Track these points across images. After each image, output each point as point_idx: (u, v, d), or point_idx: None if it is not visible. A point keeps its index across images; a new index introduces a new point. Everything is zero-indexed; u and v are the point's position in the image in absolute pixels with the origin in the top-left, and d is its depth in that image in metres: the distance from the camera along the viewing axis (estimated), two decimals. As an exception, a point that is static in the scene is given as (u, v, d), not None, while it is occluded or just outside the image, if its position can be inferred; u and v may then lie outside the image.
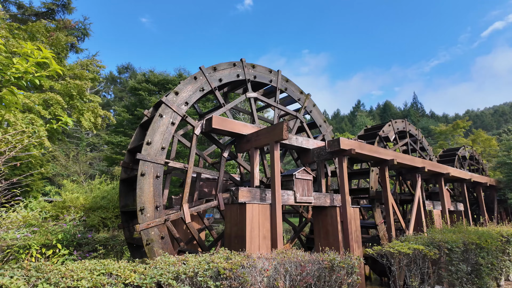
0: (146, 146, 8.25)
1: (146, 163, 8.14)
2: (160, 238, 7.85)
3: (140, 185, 7.91)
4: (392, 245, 7.59)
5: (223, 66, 10.79)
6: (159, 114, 8.72)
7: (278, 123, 8.74)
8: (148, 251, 7.51)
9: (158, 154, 8.46)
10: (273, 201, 8.46)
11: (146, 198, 7.91)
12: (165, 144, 8.63)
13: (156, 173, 8.26)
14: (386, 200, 12.05)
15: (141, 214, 7.74)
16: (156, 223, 7.88)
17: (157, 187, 8.16)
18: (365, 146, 11.14)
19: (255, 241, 7.87)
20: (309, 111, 13.55)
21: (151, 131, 8.46)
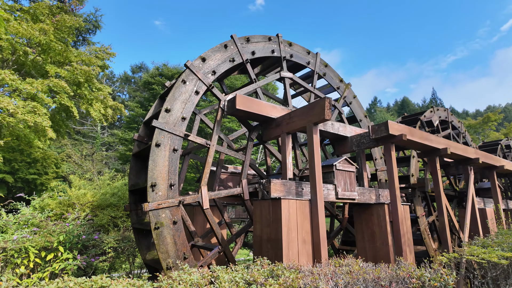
0: (165, 113, 6.98)
1: (162, 132, 6.80)
2: (172, 222, 6.43)
3: (153, 157, 6.55)
4: (474, 251, 5.87)
5: (257, 39, 9.50)
6: (182, 80, 7.44)
7: (318, 100, 7.12)
8: (156, 236, 6.13)
9: (178, 125, 7.14)
10: (313, 196, 6.86)
11: (159, 173, 6.56)
12: (186, 114, 7.32)
13: (174, 145, 6.92)
14: (439, 196, 10.23)
15: (151, 191, 6.35)
16: (169, 204, 6.47)
17: (174, 162, 6.82)
18: (415, 132, 9.38)
19: (293, 246, 6.30)
20: (348, 102, 11.85)
21: (171, 97, 7.18)
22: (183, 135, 7.15)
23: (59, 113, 14.58)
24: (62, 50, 12.98)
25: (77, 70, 12.35)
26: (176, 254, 6.26)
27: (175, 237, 6.37)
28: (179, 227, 6.51)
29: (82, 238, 8.28)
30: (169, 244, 6.24)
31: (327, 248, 6.82)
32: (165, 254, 6.13)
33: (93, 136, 46.26)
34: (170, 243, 6.26)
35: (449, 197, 14.29)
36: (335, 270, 3.88)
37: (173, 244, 6.28)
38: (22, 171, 30.18)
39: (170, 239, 6.28)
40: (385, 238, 8.36)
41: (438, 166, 10.36)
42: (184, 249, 6.38)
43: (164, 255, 6.11)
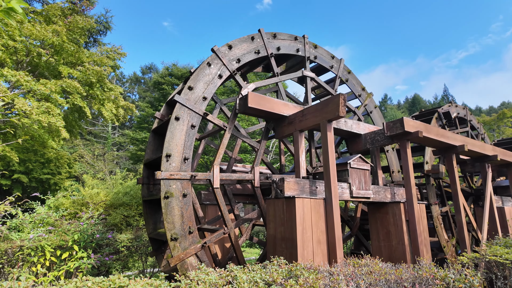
0: (187, 90, 7.25)
1: (183, 107, 7.02)
2: (181, 195, 6.47)
3: (171, 129, 6.72)
4: (497, 251, 5.66)
5: (283, 36, 9.84)
6: (207, 63, 7.75)
7: (332, 97, 6.98)
8: (164, 205, 6.18)
9: (199, 103, 7.34)
10: (328, 195, 6.73)
11: (175, 145, 6.70)
12: (207, 94, 7.55)
13: (192, 122, 7.11)
14: (456, 195, 9.97)
15: (166, 161, 6.45)
16: (181, 176, 6.54)
17: (190, 137, 6.99)
18: (431, 128, 9.14)
19: (308, 246, 6.19)
20: (369, 111, 11.76)
21: (194, 77, 7.44)
22: (202, 113, 7.35)
23: (72, 113, 14.76)
24: (75, 51, 13.12)
25: (89, 71, 12.46)
26: (181, 227, 6.28)
27: (182, 210, 6.40)
28: (188, 200, 6.55)
29: (96, 237, 8.34)
30: (176, 216, 6.28)
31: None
32: (171, 225, 6.15)
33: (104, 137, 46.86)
34: (177, 214, 6.29)
35: (465, 195, 13.94)
36: (354, 271, 3.76)
37: (180, 216, 6.32)
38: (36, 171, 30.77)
39: (177, 211, 6.31)
40: (401, 237, 8.17)
41: (455, 163, 10.09)
42: (190, 223, 6.40)
43: (170, 225, 6.13)
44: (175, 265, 6.01)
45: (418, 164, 12.04)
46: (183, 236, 6.25)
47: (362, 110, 11.60)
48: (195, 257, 6.28)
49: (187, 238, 6.30)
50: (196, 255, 6.32)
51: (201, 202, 10.02)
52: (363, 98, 11.79)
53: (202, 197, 10.11)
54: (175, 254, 6.04)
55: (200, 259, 6.34)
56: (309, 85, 10.36)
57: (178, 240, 6.16)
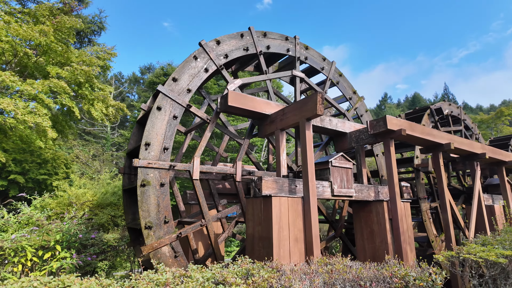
0: (171, 81, 7.29)
1: (166, 98, 7.07)
2: (159, 184, 6.49)
3: (152, 118, 6.77)
4: (471, 249, 5.62)
5: (274, 36, 9.94)
6: (194, 56, 7.82)
7: (311, 95, 6.95)
8: (140, 193, 6.20)
9: (182, 94, 7.38)
10: (306, 193, 6.70)
11: (155, 134, 6.74)
12: (192, 87, 7.60)
13: (175, 113, 7.15)
14: (442, 193, 9.93)
15: (144, 149, 6.50)
16: (159, 165, 6.56)
17: (171, 128, 7.03)
18: (416, 126, 9.10)
19: (284, 245, 6.16)
20: (359, 114, 11.79)
21: (180, 69, 7.49)
22: (186, 105, 7.37)
23: (62, 113, 14.75)
24: (63, 51, 13.10)
25: (77, 71, 12.43)
26: (157, 216, 6.29)
27: (159, 199, 6.41)
28: (165, 190, 6.55)
29: (79, 237, 8.32)
30: (152, 204, 6.28)
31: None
32: (146, 213, 6.16)
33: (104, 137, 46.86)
34: (153, 203, 6.30)
35: (456, 193, 13.89)
36: (317, 269, 3.73)
37: (156, 205, 6.33)
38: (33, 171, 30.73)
39: (154, 200, 6.32)
40: (384, 236, 8.14)
41: (442, 161, 10.05)
42: (166, 213, 6.41)
43: (144, 214, 6.14)
44: (147, 254, 6.01)
45: (409, 159, 12.01)
46: (157, 225, 6.25)
47: (352, 113, 11.62)
48: (169, 247, 6.27)
49: (162, 228, 6.30)
50: (170, 245, 6.30)
51: (186, 201, 10.01)
52: (354, 101, 11.83)
53: (187, 197, 10.10)
54: (148, 242, 6.04)
55: (175, 249, 6.32)
56: (298, 85, 10.40)
57: (153, 229, 6.16)
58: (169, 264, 6.15)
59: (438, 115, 13.16)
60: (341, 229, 9.86)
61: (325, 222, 10.15)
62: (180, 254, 6.34)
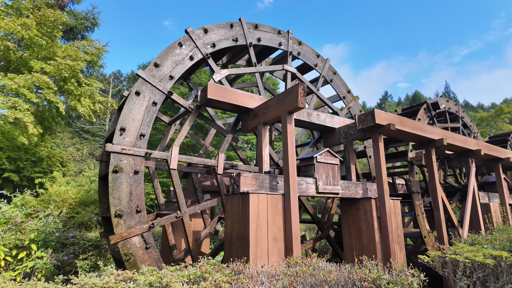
0: (152, 67, 7.00)
1: (145, 83, 6.77)
2: (132, 171, 6.21)
3: (130, 103, 6.49)
4: (458, 249, 5.29)
5: (266, 28, 9.66)
6: (179, 43, 7.53)
7: (292, 87, 6.62)
8: (112, 180, 5.93)
9: (164, 81, 7.06)
10: (286, 190, 6.38)
11: (132, 120, 6.46)
12: (175, 74, 7.28)
13: (154, 99, 6.84)
14: (434, 190, 9.59)
15: (119, 134, 6.21)
16: (134, 152, 6.28)
17: (150, 114, 6.74)
18: (407, 121, 8.76)
19: (262, 244, 5.84)
20: (353, 114, 11.45)
21: (163, 54, 7.19)
22: (167, 92, 7.06)
23: (49, 109, 14.44)
24: (49, 45, 12.79)
25: (61, 65, 12.11)
26: (128, 204, 6.02)
27: (132, 187, 6.14)
28: (139, 178, 6.29)
29: (55, 236, 8.02)
30: (124, 192, 6.02)
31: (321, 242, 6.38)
32: (117, 201, 5.89)
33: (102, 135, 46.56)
34: (125, 191, 6.03)
35: (453, 190, 13.55)
36: (283, 271, 3.41)
37: (128, 193, 6.06)
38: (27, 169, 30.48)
39: (126, 187, 6.06)
40: (372, 235, 7.82)
41: (434, 158, 9.71)
42: (138, 202, 6.14)
43: (115, 201, 5.87)
44: (115, 244, 5.71)
45: (403, 152, 11.69)
46: (128, 214, 5.96)
47: (345, 112, 11.32)
48: (140, 237, 5.97)
49: (133, 217, 6.01)
50: (142, 236, 6.00)
51: (169, 199, 9.71)
52: (348, 100, 11.52)
53: (171, 195, 9.80)
54: (117, 231, 5.75)
55: (146, 240, 6.02)
56: (289, 80, 10.13)
57: (123, 218, 5.88)
58: (139, 255, 5.85)
59: (434, 110, 12.82)
60: (328, 230, 9.48)
61: (312, 222, 9.78)
62: (151, 246, 6.05)
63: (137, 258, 5.81)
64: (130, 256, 5.73)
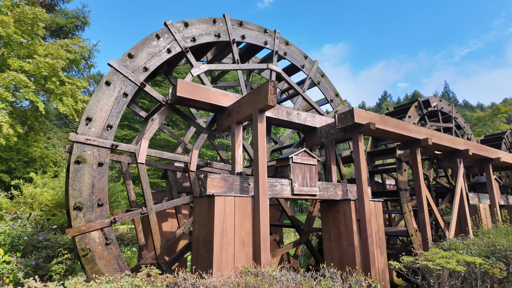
0: (126, 57, 6.77)
1: (117, 73, 6.55)
2: (97, 163, 5.96)
3: (99, 93, 6.26)
4: (431, 255, 5.00)
5: (251, 26, 9.44)
6: (156, 35, 7.27)
7: (262, 84, 6.34)
8: (73, 170, 5.69)
9: (137, 72, 6.84)
10: (256, 192, 6.09)
11: (100, 110, 6.23)
12: (150, 66, 7.04)
13: (126, 90, 6.61)
14: (419, 191, 9.31)
15: (85, 124, 5.99)
16: (99, 143, 6.04)
17: (120, 105, 6.51)
18: (389, 120, 8.47)
19: (228, 250, 5.55)
20: None
21: (138, 46, 6.96)
22: (140, 83, 6.81)
23: (31, 109, 14.16)
24: (29, 43, 12.51)
25: (40, 63, 11.82)
26: (89, 197, 5.76)
27: (94, 179, 5.88)
28: (103, 171, 6.04)
29: (23, 239, 7.73)
30: (85, 184, 5.76)
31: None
32: (77, 192, 5.64)
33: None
34: (87, 183, 5.78)
35: (443, 191, 13.26)
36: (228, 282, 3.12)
37: (90, 185, 5.81)
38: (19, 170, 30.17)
39: (88, 179, 5.81)
40: (351, 238, 7.53)
41: (419, 158, 9.43)
42: (101, 196, 5.89)
43: (75, 193, 5.61)
44: (73, 238, 5.44)
45: (392, 149, 11.40)
46: (89, 207, 5.69)
47: (332, 114, 11.05)
48: (100, 232, 5.69)
49: (94, 211, 5.74)
50: (102, 231, 5.71)
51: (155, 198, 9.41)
52: (336, 103, 11.27)
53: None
54: (75, 225, 5.48)
55: (107, 236, 5.74)
56: (274, 79, 9.89)
57: (83, 211, 5.63)
58: (97, 251, 5.58)
59: (426, 108, 12.54)
60: (308, 235, 9.12)
61: (291, 226, 9.46)
62: (112, 242, 5.77)
63: (95, 254, 5.54)
64: (88, 252, 5.46)
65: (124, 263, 5.81)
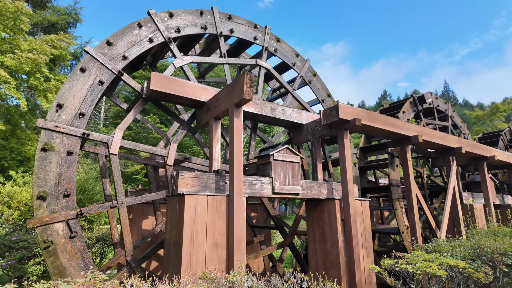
0: (104, 45, 6.48)
1: (93, 60, 6.26)
2: (65, 152, 5.66)
3: (72, 79, 5.97)
4: (413, 258, 4.67)
5: (240, 21, 9.17)
6: (138, 23, 6.99)
7: (238, 77, 6.00)
8: (39, 158, 5.43)
9: (115, 60, 6.55)
10: (231, 191, 5.76)
11: (73, 97, 5.92)
12: (129, 55, 6.75)
13: (102, 78, 6.31)
14: (409, 191, 8.98)
15: (55, 111, 5.70)
16: (69, 131, 5.73)
17: (95, 93, 6.20)
18: (377, 117, 8.14)
19: (198, 252, 5.23)
20: None
21: (118, 33, 6.69)
22: (117, 72, 6.52)
23: (16, 106, 13.85)
24: (11, 38, 12.19)
25: (22, 59, 11.50)
26: (55, 187, 5.45)
27: (62, 168, 5.57)
28: (72, 160, 5.71)
29: (-6, 239, 7.42)
30: (52, 173, 5.46)
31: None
32: (42, 181, 5.34)
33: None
34: (53, 171, 5.48)
35: (438, 190, 12.92)
36: None
37: (57, 174, 5.50)
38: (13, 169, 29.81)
39: (55, 168, 5.50)
40: (335, 239, 7.21)
41: (409, 156, 9.10)
42: (68, 186, 5.57)
43: (40, 182, 5.31)
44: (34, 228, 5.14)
45: (384, 144, 11.05)
46: (54, 198, 5.39)
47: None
48: (64, 225, 5.38)
49: (59, 201, 5.43)
50: (67, 223, 5.40)
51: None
52: (327, 104, 10.94)
53: (128, 194, 9.19)
54: (37, 215, 5.18)
55: (72, 229, 5.42)
56: (262, 76, 9.56)
57: (47, 201, 5.32)
58: (60, 244, 5.26)
59: (421, 104, 12.18)
60: (292, 237, 8.75)
61: (275, 228, 9.09)
62: (77, 236, 5.45)
63: (57, 247, 5.22)
64: (49, 244, 5.15)
65: (89, 258, 5.50)
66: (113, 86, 8.55)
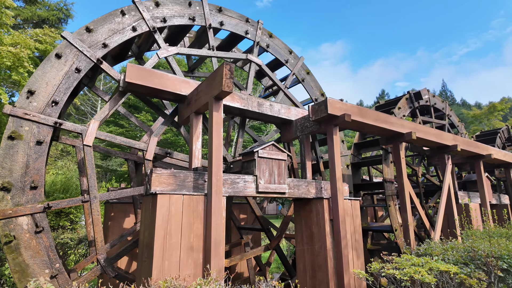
0: (83, 31, 6.12)
1: (70, 46, 5.87)
2: (34, 141, 5.31)
3: (46, 65, 5.61)
4: (402, 262, 4.32)
5: (231, 14, 8.83)
6: (121, 11, 6.60)
7: (217, 69, 5.63)
8: (5, 147, 5.08)
9: (95, 48, 6.18)
10: (209, 190, 5.39)
11: (45, 83, 5.55)
12: (110, 43, 6.37)
13: (79, 65, 5.94)
14: (402, 190, 8.64)
15: (25, 97, 5.34)
16: (40, 119, 5.36)
17: (70, 81, 5.83)
18: (368, 112, 7.78)
19: (172, 256, 4.85)
20: None
21: (99, 20, 6.32)
22: (96, 59, 6.12)
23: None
24: (-8, 32, 11.76)
25: (3, 52, 11.07)
26: (21, 178, 5.09)
27: (30, 159, 5.20)
28: (42, 151, 5.35)
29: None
30: (18, 163, 5.10)
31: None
32: (7, 171, 4.98)
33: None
34: (20, 162, 5.12)
35: (433, 189, 12.58)
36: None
37: (24, 165, 5.15)
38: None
39: (22, 158, 5.14)
40: (323, 240, 6.85)
41: (402, 154, 8.75)
42: (36, 177, 5.21)
43: (4, 172, 4.96)
44: None
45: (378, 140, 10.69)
46: (19, 189, 5.03)
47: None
48: (30, 218, 5.01)
49: (25, 193, 5.06)
50: (32, 217, 5.03)
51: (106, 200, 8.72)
52: None
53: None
54: (0, 207, 4.78)
55: (38, 224, 5.05)
56: (252, 72, 9.19)
57: (11, 192, 4.96)
58: (24, 240, 4.89)
59: (417, 101, 11.85)
60: (279, 239, 8.37)
61: (260, 229, 8.72)
62: (44, 231, 5.08)
63: (21, 243, 4.85)
64: (11, 239, 4.77)
65: (56, 256, 5.13)
66: (93, 76, 8.17)
